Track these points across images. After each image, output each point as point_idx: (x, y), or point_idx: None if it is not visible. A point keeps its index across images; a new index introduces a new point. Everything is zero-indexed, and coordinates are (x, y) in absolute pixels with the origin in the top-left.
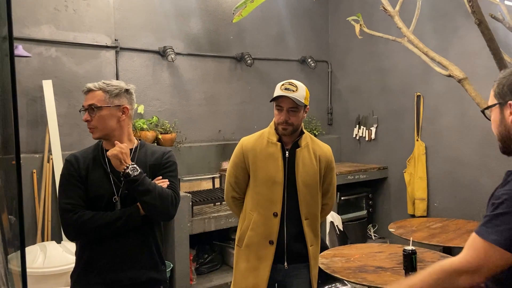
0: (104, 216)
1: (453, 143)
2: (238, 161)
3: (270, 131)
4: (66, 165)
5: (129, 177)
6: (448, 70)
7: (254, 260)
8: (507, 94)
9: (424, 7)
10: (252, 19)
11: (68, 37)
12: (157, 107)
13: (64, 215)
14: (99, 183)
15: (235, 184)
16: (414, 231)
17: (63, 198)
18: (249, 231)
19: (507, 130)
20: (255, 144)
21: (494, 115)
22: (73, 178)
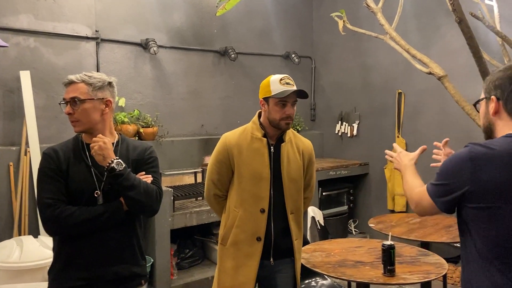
0: (86, 211)
1: (432, 140)
2: (222, 158)
3: (254, 127)
4: (44, 159)
5: (114, 172)
6: (429, 68)
7: (241, 258)
8: (491, 89)
9: (406, 4)
10: (237, 13)
11: (47, 27)
12: (139, 100)
13: (45, 210)
14: (81, 177)
15: (218, 182)
16: (393, 226)
17: (43, 193)
18: (235, 228)
19: (489, 121)
20: (239, 140)
21: (482, 108)
22: (52, 172)
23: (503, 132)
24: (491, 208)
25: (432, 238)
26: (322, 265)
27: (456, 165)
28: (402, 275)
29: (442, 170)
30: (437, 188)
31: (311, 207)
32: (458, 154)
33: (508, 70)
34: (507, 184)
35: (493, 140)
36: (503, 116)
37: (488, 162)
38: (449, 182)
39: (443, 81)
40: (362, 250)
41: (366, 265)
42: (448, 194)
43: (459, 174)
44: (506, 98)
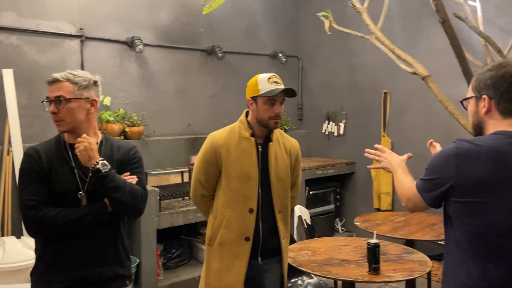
0: (70, 212)
1: (417, 140)
2: (209, 158)
3: (241, 126)
4: (26, 159)
5: (100, 173)
6: (413, 68)
7: (229, 259)
8: (483, 88)
9: (392, 5)
10: (223, 11)
11: (30, 24)
12: (124, 99)
13: (27, 212)
14: (64, 178)
15: (205, 182)
16: (379, 224)
17: (25, 194)
18: (222, 229)
19: (479, 120)
20: (226, 140)
21: (470, 106)
22: (34, 173)
23: (491, 128)
24: (474, 203)
25: (416, 236)
26: (308, 264)
27: (442, 161)
28: (387, 273)
29: (429, 165)
30: (424, 183)
31: (298, 206)
32: (445, 149)
33: (501, 69)
34: (491, 180)
35: (481, 137)
36: (495, 115)
37: (473, 158)
38: (436, 177)
39: (427, 81)
40: (348, 249)
41: (351, 264)
42: (435, 189)
43: (445, 169)
44: (499, 98)
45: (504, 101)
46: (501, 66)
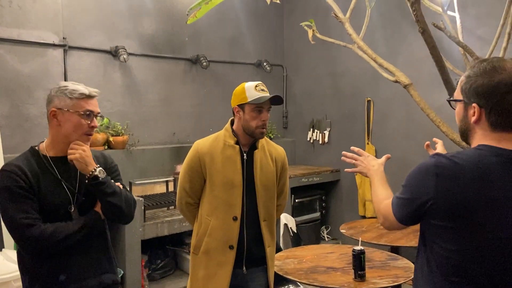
0: (68, 226)
1: (400, 147)
2: (194, 165)
3: (226, 134)
4: (10, 177)
5: (98, 180)
6: (395, 76)
7: (213, 267)
8: (473, 95)
9: (373, 15)
10: (208, 21)
11: (12, 34)
12: (108, 108)
13: (24, 231)
14: (53, 192)
15: (190, 189)
16: (364, 231)
17: (16, 213)
18: (207, 237)
19: (467, 127)
20: (211, 147)
21: (458, 109)
22: (23, 190)
23: (478, 138)
24: (452, 228)
25: (401, 242)
26: (294, 272)
27: (420, 178)
28: (372, 279)
29: (406, 182)
30: (401, 202)
31: (283, 214)
32: (423, 166)
33: (495, 76)
34: (473, 204)
35: (461, 152)
36: (484, 126)
37: (454, 178)
38: (413, 197)
39: (408, 89)
40: (334, 256)
41: (337, 271)
42: (411, 209)
43: (422, 189)
44: (491, 109)
45: (495, 113)
46: (496, 72)
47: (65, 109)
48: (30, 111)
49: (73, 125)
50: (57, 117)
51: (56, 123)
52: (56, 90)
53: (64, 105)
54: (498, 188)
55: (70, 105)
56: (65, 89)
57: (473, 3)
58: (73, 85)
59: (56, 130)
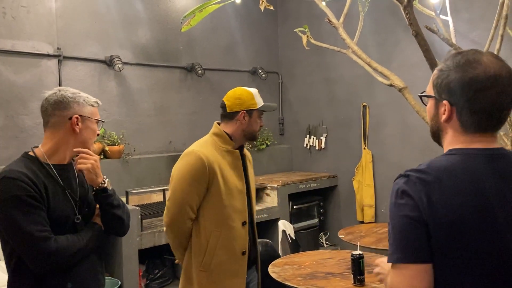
0: (79, 239)
1: (396, 151)
2: (202, 176)
3: (221, 140)
4: (18, 185)
5: (107, 192)
6: (390, 80)
7: (228, 278)
8: (444, 91)
9: (367, 21)
10: (202, 29)
11: (5, 45)
12: (104, 117)
13: (40, 245)
14: (62, 202)
15: (195, 204)
16: (363, 236)
17: (29, 225)
18: (218, 249)
19: (438, 126)
20: (214, 156)
21: (429, 106)
22: (34, 199)
23: (449, 139)
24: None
25: None
26: (293, 278)
27: (399, 205)
28: (372, 284)
29: (392, 228)
30: (398, 244)
31: (281, 220)
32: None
33: (469, 70)
34: (462, 221)
35: (432, 164)
36: (455, 126)
37: (436, 194)
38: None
39: (403, 93)
40: (333, 262)
41: (336, 276)
42: (415, 239)
43: (411, 212)
44: (462, 108)
45: (466, 113)
46: (470, 67)
47: (87, 116)
48: (25, 122)
49: (92, 133)
50: (78, 123)
51: (75, 129)
52: (71, 96)
53: (87, 112)
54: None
55: (90, 113)
56: (79, 96)
57: (466, 7)
58: (82, 93)
59: (69, 136)
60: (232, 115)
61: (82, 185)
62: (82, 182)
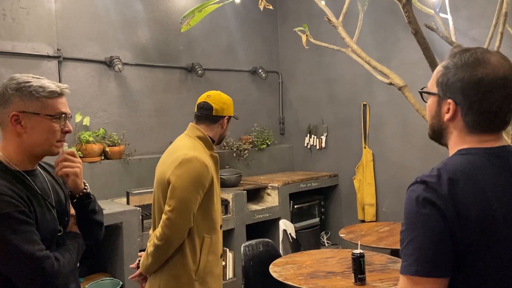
0: (71, 253)
1: (397, 150)
2: (205, 184)
3: (206, 144)
4: (5, 200)
5: (91, 198)
6: (389, 79)
7: (213, 284)
8: (449, 89)
9: (366, 20)
10: (202, 29)
11: (6, 46)
12: (104, 118)
13: (40, 265)
14: (47, 215)
15: (195, 213)
16: (363, 235)
17: (27, 245)
18: (209, 255)
19: (440, 125)
20: (208, 160)
21: (431, 103)
22: (25, 215)
23: (456, 143)
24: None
25: None
26: (293, 278)
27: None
28: (373, 283)
29: (406, 229)
30: (417, 255)
31: (282, 220)
32: (410, 199)
33: (477, 69)
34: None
35: (446, 168)
36: (459, 126)
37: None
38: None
39: (403, 91)
40: (334, 261)
41: (337, 275)
42: (439, 252)
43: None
44: (468, 107)
45: (473, 113)
46: (479, 66)
47: (31, 112)
48: None
49: (43, 132)
50: (21, 123)
51: (19, 130)
52: (14, 87)
53: (31, 107)
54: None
55: (38, 107)
56: (28, 85)
57: (465, 5)
58: (37, 80)
59: (19, 139)
60: (217, 119)
61: (56, 193)
62: (55, 189)
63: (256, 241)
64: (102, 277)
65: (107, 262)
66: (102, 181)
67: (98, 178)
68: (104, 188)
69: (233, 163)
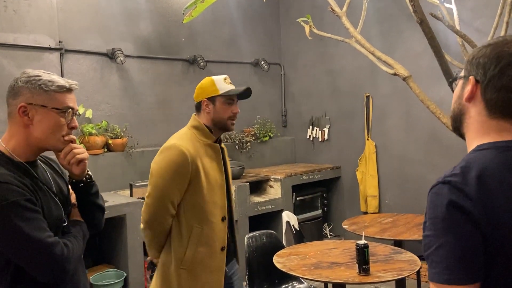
0: (78, 240)
1: (400, 142)
2: (184, 171)
3: (200, 132)
4: (12, 190)
5: (93, 182)
6: (394, 69)
7: (208, 275)
8: (473, 67)
9: (370, 11)
10: (204, 21)
11: (7, 38)
12: (107, 111)
13: (51, 251)
14: (51, 203)
15: (177, 200)
16: (367, 226)
17: (37, 232)
18: (200, 246)
19: (460, 108)
20: (196, 150)
21: (456, 89)
22: (32, 204)
23: (475, 132)
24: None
25: (404, 236)
26: (297, 268)
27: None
28: (377, 273)
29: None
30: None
31: (285, 212)
32: (437, 201)
33: (499, 46)
34: None
35: (469, 165)
36: (479, 106)
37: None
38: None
39: (407, 82)
40: (337, 251)
41: (341, 266)
42: (471, 258)
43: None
44: (487, 83)
45: (492, 89)
46: (506, 44)
47: (39, 104)
48: None
49: (50, 125)
50: (28, 115)
51: (26, 121)
52: (25, 80)
53: (38, 100)
54: None
55: (46, 100)
56: (38, 79)
57: None
58: (47, 75)
59: (25, 131)
60: (199, 105)
61: (57, 183)
62: (56, 179)
63: (259, 232)
64: (106, 268)
65: (111, 253)
66: (105, 174)
67: (101, 170)
68: (107, 180)
69: (235, 156)
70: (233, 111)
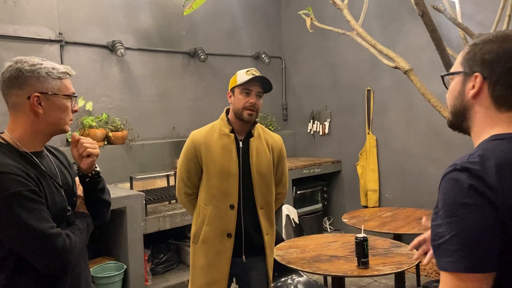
0: (82, 232)
1: (401, 136)
2: (190, 155)
3: (222, 123)
4: (16, 180)
5: (100, 176)
6: (395, 62)
7: (213, 256)
8: (476, 63)
9: (371, 4)
10: (204, 14)
11: (7, 30)
12: (107, 103)
13: (53, 243)
14: (56, 195)
15: (188, 180)
16: (366, 220)
17: (39, 223)
18: (205, 226)
19: (464, 105)
20: (206, 137)
21: (454, 85)
22: (36, 194)
23: (483, 124)
24: None
25: (404, 230)
26: (297, 261)
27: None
28: (376, 266)
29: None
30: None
31: (285, 205)
32: (455, 185)
33: (505, 42)
34: None
35: (486, 154)
36: (485, 103)
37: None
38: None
39: (409, 75)
40: (337, 245)
41: (340, 259)
42: (489, 246)
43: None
44: (497, 81)
45: (501, 86)
46: (508, 39)
47: (50, 92)
48: None
49: (60, 112)
50: (41, 104)
51: (39, 111)
52: (29, 69)
53: (51, 88)
54: None
55: (57, 88)
56: (42, 67)
57: None
58: (46, 62)
59: (34, 120)
60: (227, 96)
61: (63, 174)
62: (62, 170)
63: None
64: (106, 260)
65: (111, 246)
66: (105, 166)
67: (101, 163)
68: (107, 173)
69: None
70: (249, 101)
